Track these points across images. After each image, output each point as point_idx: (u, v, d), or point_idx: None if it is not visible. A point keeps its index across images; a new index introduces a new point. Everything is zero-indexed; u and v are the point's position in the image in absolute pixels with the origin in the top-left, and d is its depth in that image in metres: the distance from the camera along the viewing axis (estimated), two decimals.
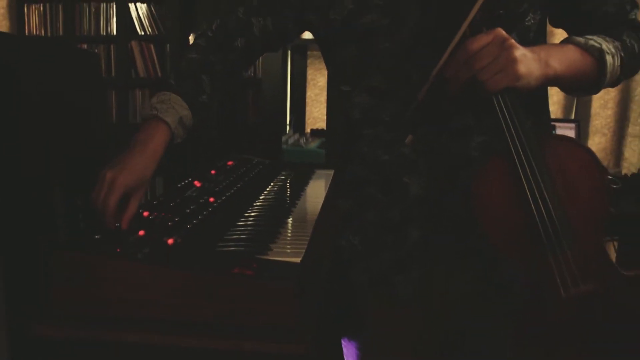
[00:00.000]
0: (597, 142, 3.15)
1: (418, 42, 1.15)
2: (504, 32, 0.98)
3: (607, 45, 1.10)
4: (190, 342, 0.89)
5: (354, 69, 1.23)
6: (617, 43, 1.12)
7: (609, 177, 2.37)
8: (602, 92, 2.97)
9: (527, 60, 0.98)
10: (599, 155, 3.11)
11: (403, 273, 1.22)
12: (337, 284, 1.33)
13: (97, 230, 1.07)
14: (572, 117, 3.04)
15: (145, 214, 1.20)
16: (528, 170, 0.99)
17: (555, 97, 3.07)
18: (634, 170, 2.80)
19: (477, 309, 1.20)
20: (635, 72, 1.22)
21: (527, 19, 1.14)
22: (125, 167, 1.11)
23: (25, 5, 3.63)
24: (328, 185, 1.78)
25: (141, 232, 1.08)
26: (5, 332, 0.99)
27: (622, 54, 1.12)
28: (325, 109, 2.57)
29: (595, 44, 1.09)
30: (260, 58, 3.29)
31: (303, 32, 1.37)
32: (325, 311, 1.22)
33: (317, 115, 3.11)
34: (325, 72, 2.63)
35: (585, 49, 1.09)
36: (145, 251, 0.98)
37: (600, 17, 1.17)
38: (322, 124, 2.97)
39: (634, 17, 1.17)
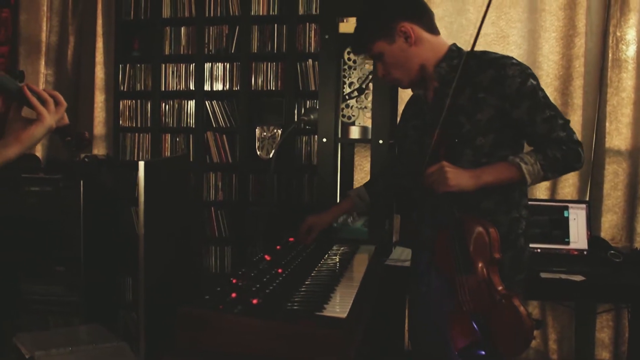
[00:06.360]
0: (610, 219, 3.31)
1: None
2: (444, 163, 1.62)
3: (528, 159, 1.64)
4: None
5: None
6: (539, 155, 1.64)
7: (612, 252, 2.57)
8: (611, 175, 3.26)
9: (457, 177, 1.61)
10: (612, 230, 3.32)
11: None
12: None
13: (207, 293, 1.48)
14: (587, 198, 3.30)
15: (234, 280, 1.60)
16: (455, 236, 1.65)
17: (571, 180, 3.31)
18: None
19: None
20: (566, 171, 1.71)
21: (477, 140, 1.69)
22: (314, 215, 2.20)
23: (120, 101, 4.16)
24: (370, 258, 2.14)
25: (233, 295, 1.47)
26: None
27: (542, 163, 1.63)
28: None
29: (516, 159, 1.64)
30: (315, 147, 3.67)
31: None
32: (364, 348, 1.57)
33: None
34: (369, 159, 2.95)
35: (512, 164, 1.65)
36: (239, 308, 1.37)
37: (537, 137, 1.68)
38: None
39: (555, 135, 1.64)
